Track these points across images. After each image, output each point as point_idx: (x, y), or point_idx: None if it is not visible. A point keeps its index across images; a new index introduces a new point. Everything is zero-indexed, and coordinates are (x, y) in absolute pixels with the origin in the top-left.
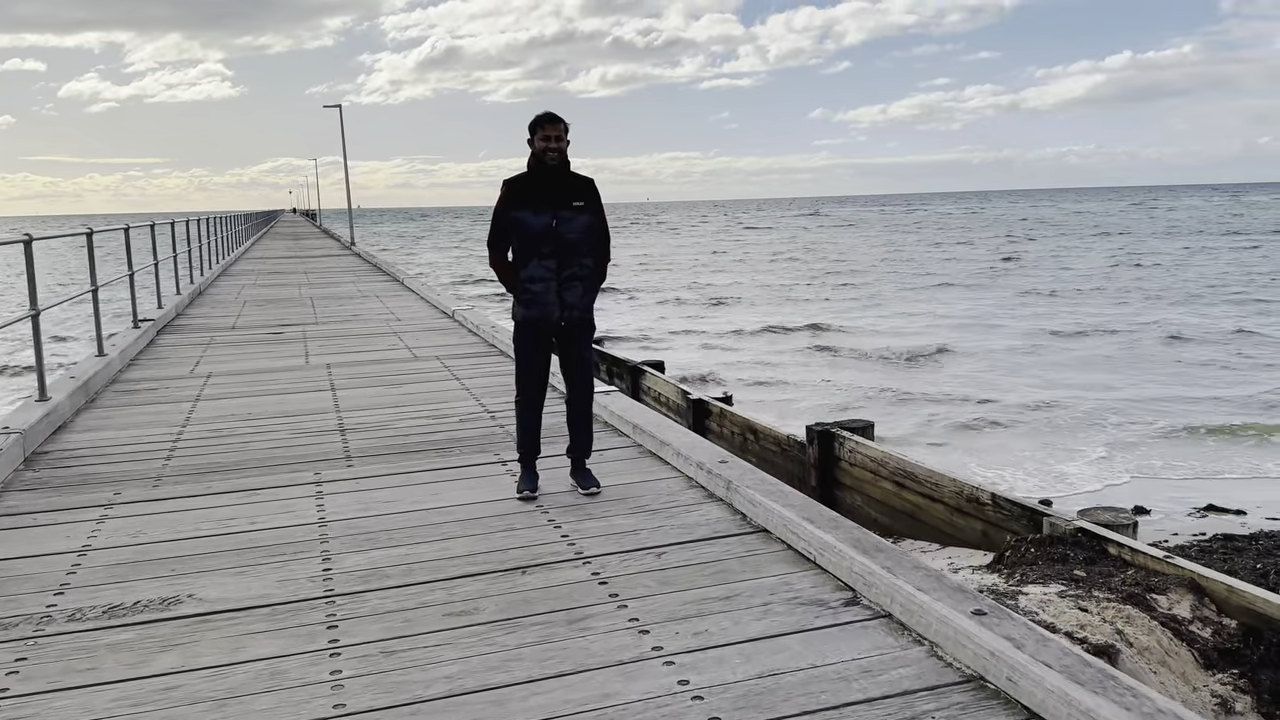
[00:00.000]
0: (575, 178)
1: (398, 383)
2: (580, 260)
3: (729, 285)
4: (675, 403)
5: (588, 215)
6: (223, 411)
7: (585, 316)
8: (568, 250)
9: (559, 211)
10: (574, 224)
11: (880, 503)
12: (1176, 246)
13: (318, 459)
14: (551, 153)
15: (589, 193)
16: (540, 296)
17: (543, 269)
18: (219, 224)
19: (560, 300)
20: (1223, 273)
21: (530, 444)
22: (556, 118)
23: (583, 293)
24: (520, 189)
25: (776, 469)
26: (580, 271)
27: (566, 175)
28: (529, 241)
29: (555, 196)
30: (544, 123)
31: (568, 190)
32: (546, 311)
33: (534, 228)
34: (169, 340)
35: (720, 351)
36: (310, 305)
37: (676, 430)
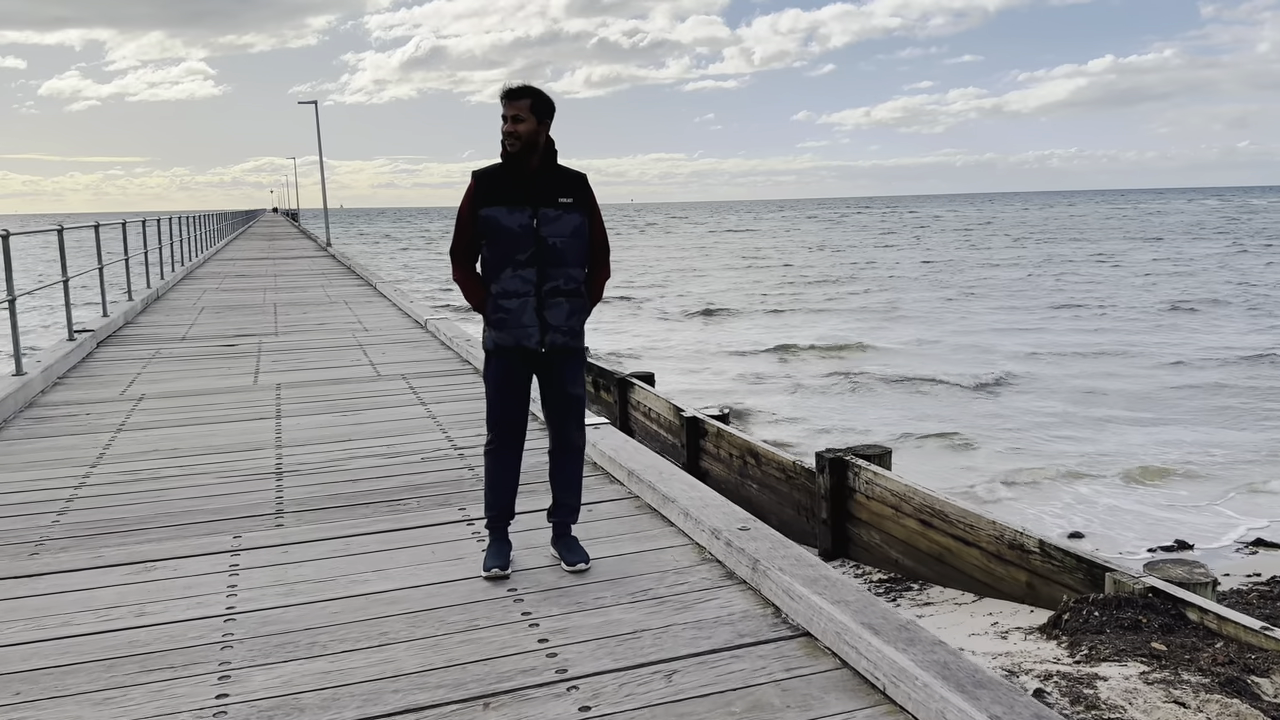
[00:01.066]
0: (562, 171)
1: (353, 408)
2: (567, 271)
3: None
4: (667, 420)
5: (577, 215)
6: (144, 446)
7: (572, 343)
8: (551, 257)
9: (541, 208)
10: (559, 224)
11: (902, 542)
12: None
13: (242, 514)
14: (509, 139)
15: (579, 189)
16: (515, 316)
17: (518, 281)
18: (191, 223)
19: (540, 321)
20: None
21: (502, 507)
22: (515, 91)
23: (569, 312)
24: (492, 181)
25: (781, 498)
26: (566, 285)
27: (552, 167)
28: (502, 246)
29: (536, 190)
30: (501, 99)
31: (552, 184)
32: (522, 335)
33: (508, 228)
34: (107, 354)
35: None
36: (273, 313)
37: (681, 480)
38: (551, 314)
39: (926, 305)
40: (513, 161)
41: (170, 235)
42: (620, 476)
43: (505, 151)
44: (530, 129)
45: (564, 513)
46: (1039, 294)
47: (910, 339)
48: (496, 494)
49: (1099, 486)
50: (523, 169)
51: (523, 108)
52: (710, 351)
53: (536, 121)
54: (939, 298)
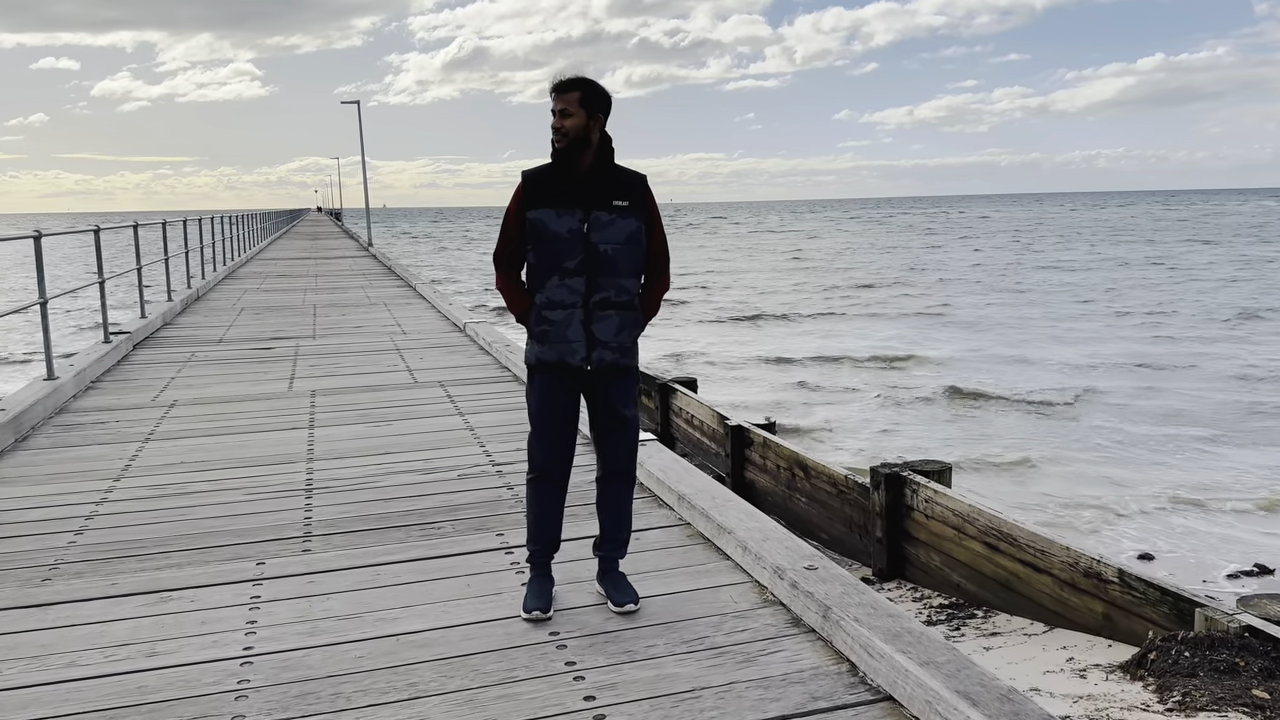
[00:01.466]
0: (619, 171)
1: (389, 418)
2: (619, 281)
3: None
4: (711, 428)
5: (634, 220)
6: (171, 457)
7: (621, 360)
8: (601, 266)
9: (593, 211)
10: (613, 230)
11: (965, 566)
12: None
13: (268, 537)
14: (556, 135)
15: (637, 191)
16: (559, 329)
17: (565, 291)
18: (234, 223)
19: (587, 335)
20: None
21: (546, 541)
22: (565, 83)
23: (619, 326)
24: (540, 182)
25: (832, 513)
26: (617, 297)
27: (607, 167)
28: (549, 252)
29: (588, 191)
30: (550, 92)
31: (607, 185)
32: (566, 351)
33: (556, 233)
34: (143, 356)
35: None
36: (312, 314)
37: (738, 508)
38: (600, 328)
39: (981, 311)
40: (562, 160)
41: (212, 235)
42: (669, 500)
43: (554, 149)
44: (578, 124)
45: (612, 547)
46: (1099, 299)
47: (964, 347)
48: (539, 527)
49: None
50: (573, 168)
51: (571, 101)
52: (753, 358)
53: (586, 116)
54: (994, 303)
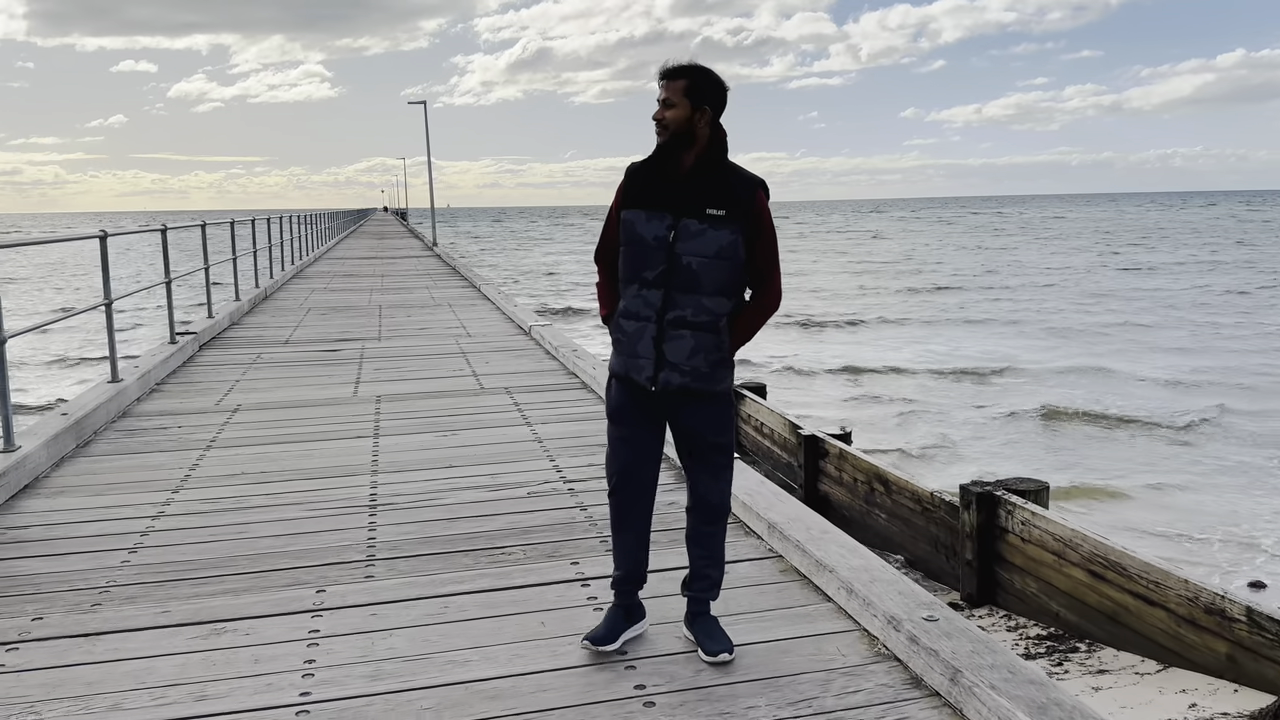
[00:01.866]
0: (729, 174)
1: (455, 427)
2: (699, 300)
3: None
4: (783, 437)
5: (727, 232)
6: (232, 468)
7: (693, 385)
8: (682, 280)
9: (684, 218)
10: (701, 241)
11: (1065, 595)
12: None
13: (329, 559)
14: (657, 127)
15: (740, 198)
16: (630, 342)
17: (640, 302)
18: (303, 222)
19: (656, 354)
20: None
21: (625, 570)
22: (671, 70)
23: (693, 350)
24: (638, 177)
25: (916, 532)
26: (695, 317)
27: (713, 167)
28: (633, 257)
29: (684, 194)
30: (658, 80)
31: (705, 188)
32: (633, 366)
33: (641, 238)
34: (209, 358)
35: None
36: (377, 315)
37: (837, 541)
38: (671, 348)
39: (1069, 318)
40: (660, 155)
41: (280, 234)
42: (758, 529)
43: (658, 144)
44: (681, 116)
45: (702, 586)
46: (1198, 307)
47: (1053, 358)
48: (620, 550)
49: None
50: (672, 166)
51: (676, 89)
52: (821, 367)
53: (691, 107)
54: (1084, 309)
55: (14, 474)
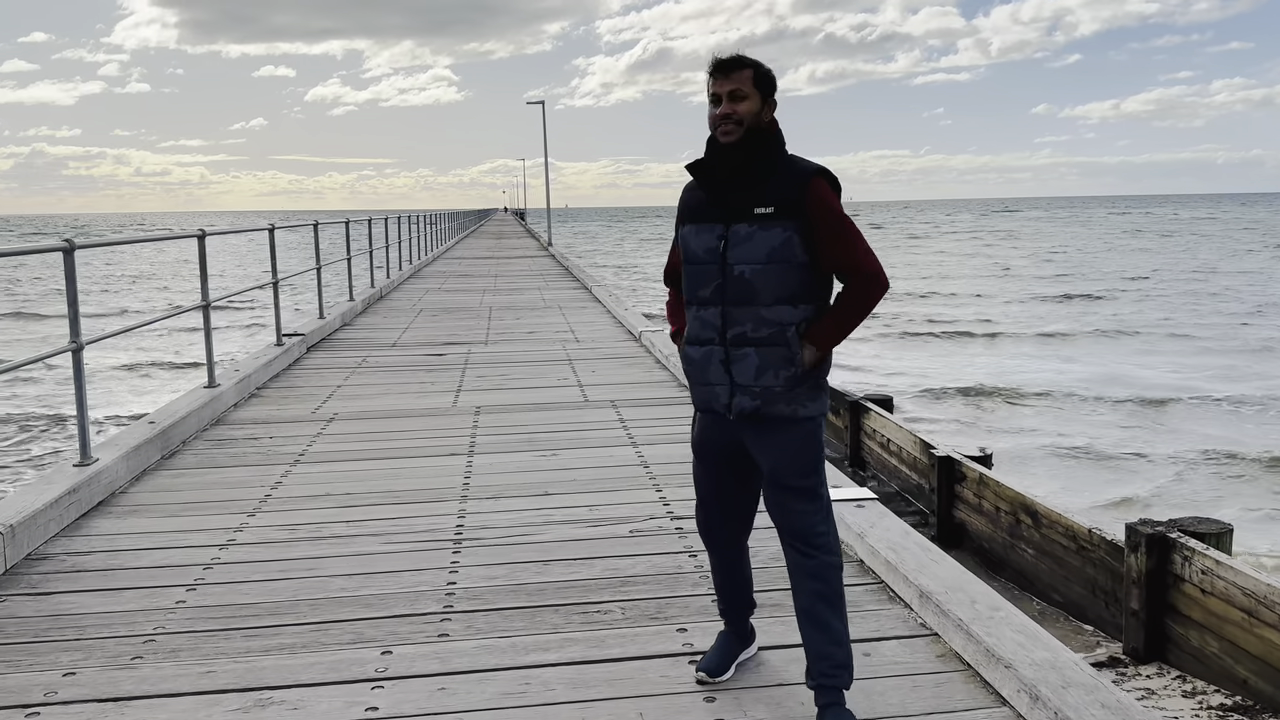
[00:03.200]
0: (781, 168)
1: (555, 445)
2: (757, 312)
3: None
4: (912, 456)
5: (779, 230)
6: (316, 487)
7: (765, 409)
8: (736, 293)
9: (733, 223)
10: (751, 246)
11: (1258, 660)
12: None
13: (400, 610)
14: (724, 124)
15: (791, 190)
16: (699, 370)
17: (699, 324)
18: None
19: (728, 378)
20: None
21: (725, 599)
22: (731, 61)
23: (759, 368)
24: (690, 190)
25: (1069, 572)
26: (756, 332)
27: (767, 165)
28: (689, 277)
29: (731, 199)
30: (710, 74)
31: (753, 187)
32: (709, 396)
33: (695, 253)
34: (314, 361)
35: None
36: (487, 317)
37: (1013, 621)
38: (739, 369)
39: (1260, 334)
40: (730, 156)
41: (398, 234)
42: (906, 596)
43: (713, 147)
44: (753, 109)
45: (824, 669)
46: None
47: (1228, 386)
48: (715, 582)
49: None
50: (726, 170)
51: (744, 80)
52: (954, 384)
53: (761, 100)
54: (1254, 326)
55: (86, 490)
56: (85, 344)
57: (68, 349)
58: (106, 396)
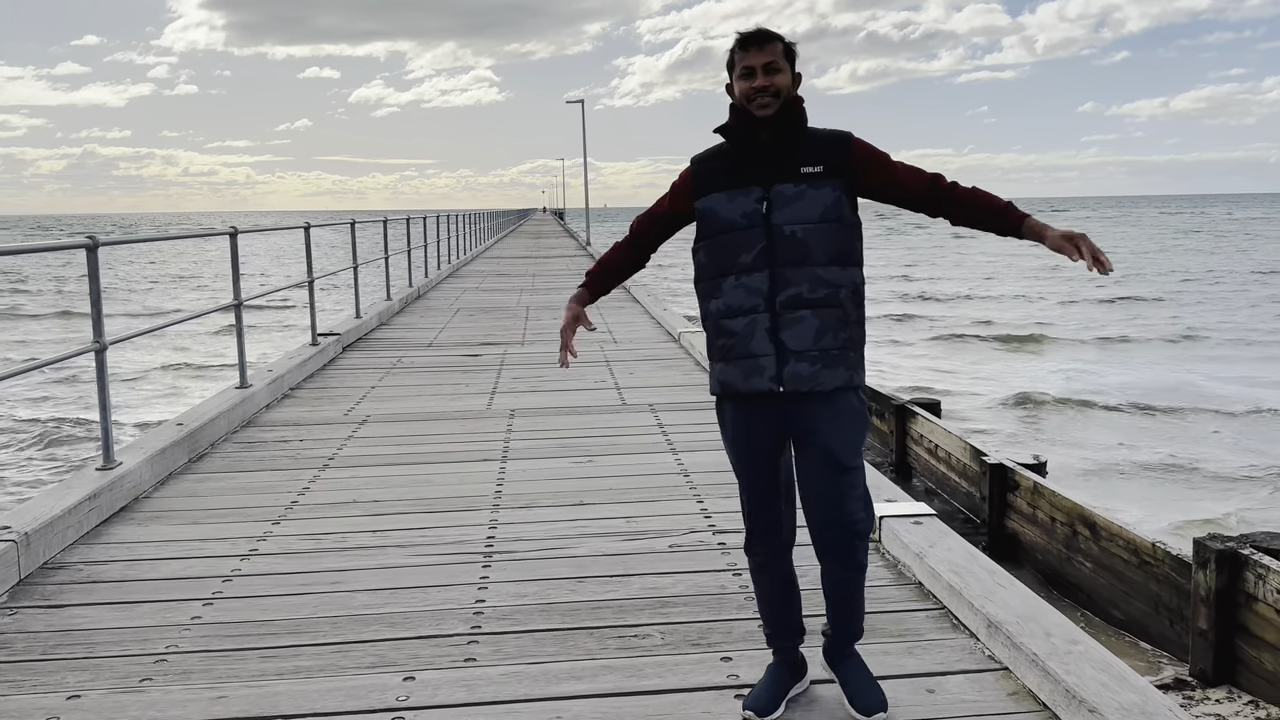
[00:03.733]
0: (813, 133)
1: (591, 451)
2: (814, 272)
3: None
4: (962, 463)
5: (829, 189)
6: (344, 494)
7: (824, 375)
8: (789, 253)
9: (775, 185)
10: (802, 206)
11: None
12: None
13: (426, 630)
14: (760, 98)
15: (836, 150)
16: (741, 342)
17: (741, 292)
18: (463, 221)
19: (775, 346)
20: None
21: (777, 625)
22: (763, 34)
23: (819, 330)
24: (709, 162)
25: (1130, 588)
26: (813, 292)
27: (792, 131)
28: (722, 246)
29: (768, 162)
30: (740, 48)
31: (792, 150)
32: (752, 369)
33: (728, 220)
34: (349, 361)
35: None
36: (524, 317)
37: (1094, 656)
38: (791, 335)
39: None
40: (748, 130)
41: (437, 234)
42: (972, 624)
43: (739, 121)
44: (787, 81)
45: (841, 628)
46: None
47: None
48: (768, 609)
49: None
50: (751, 138)
51: (777, 53)
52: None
53: (792, 72)
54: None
55: (107, 496)
56: (109, 344)
57: (90, 349)
58: (140, 397)
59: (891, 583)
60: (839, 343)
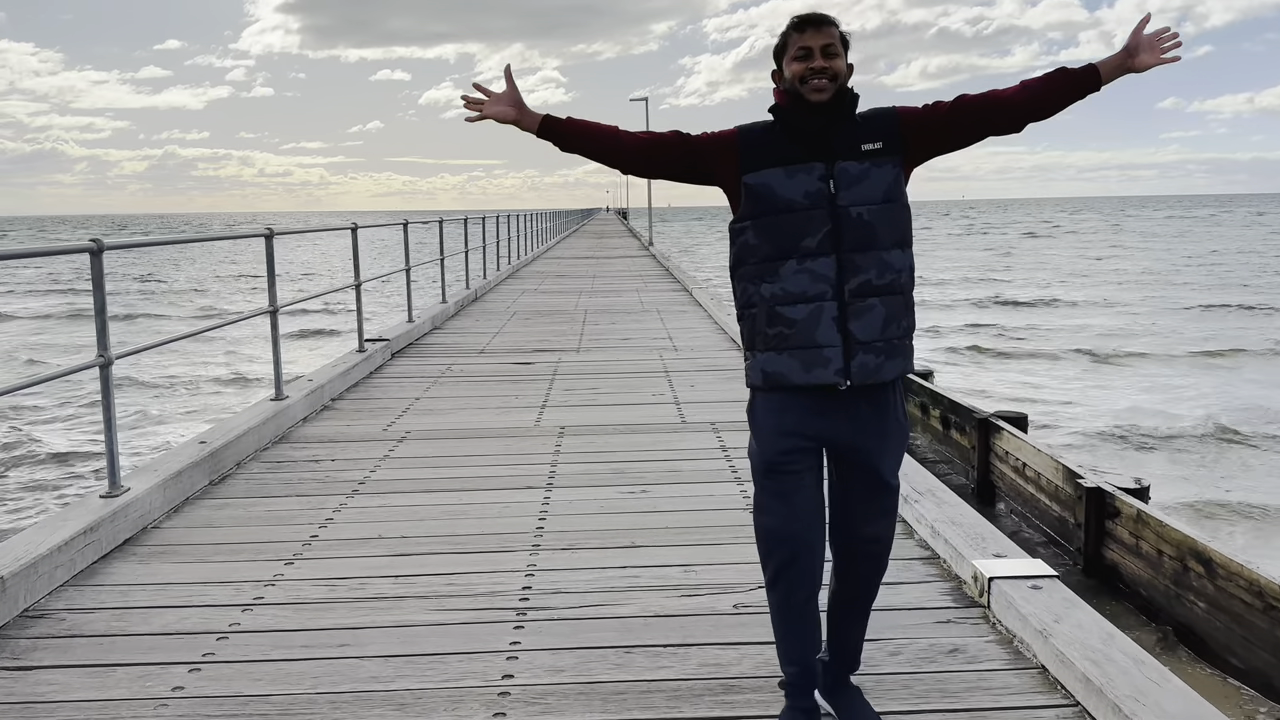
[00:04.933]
0: (863, 115)
1: (646, 479)
2: (880, 257)
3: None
4: (1053, 485)
5: (890, 167)
6: (368, 529)
7: (888, 365)
8: (857, 237)
9: (839, 161)
10: (867, 185)
11: None
12: None
13: (442, 714)
14: (816, 80)
15: (889, 125)
16: (804, 330)
17: (806, 278)
18: (525, 221)
19: (844, 337)
20: None
21: (802, 660)
22: (821, 17)
23: (886, 320)
24: (761, 137)
25: (1252, 634)
26: (880, 278)
27: (847, 113)
28: (780, 228)
29: (828, 138)
30: (797, 29)
31: (853, 127)
32: (816, 361)
33: (788, 200)
34: (396, 369)
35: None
36: (581, 321)
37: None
38: (860, 325)
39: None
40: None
41: (496, 235)
42: (1064, 679)
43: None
44: (844, 68)
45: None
46: None
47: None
48: (790, 641)
49: None
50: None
51: (834, 36)
52: (1085, 405)
53: (845, 62)
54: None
55: (108, 528)
56: (115, 358)
57: (95, 363)
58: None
59: (1008, 665)
60: (900, 331)
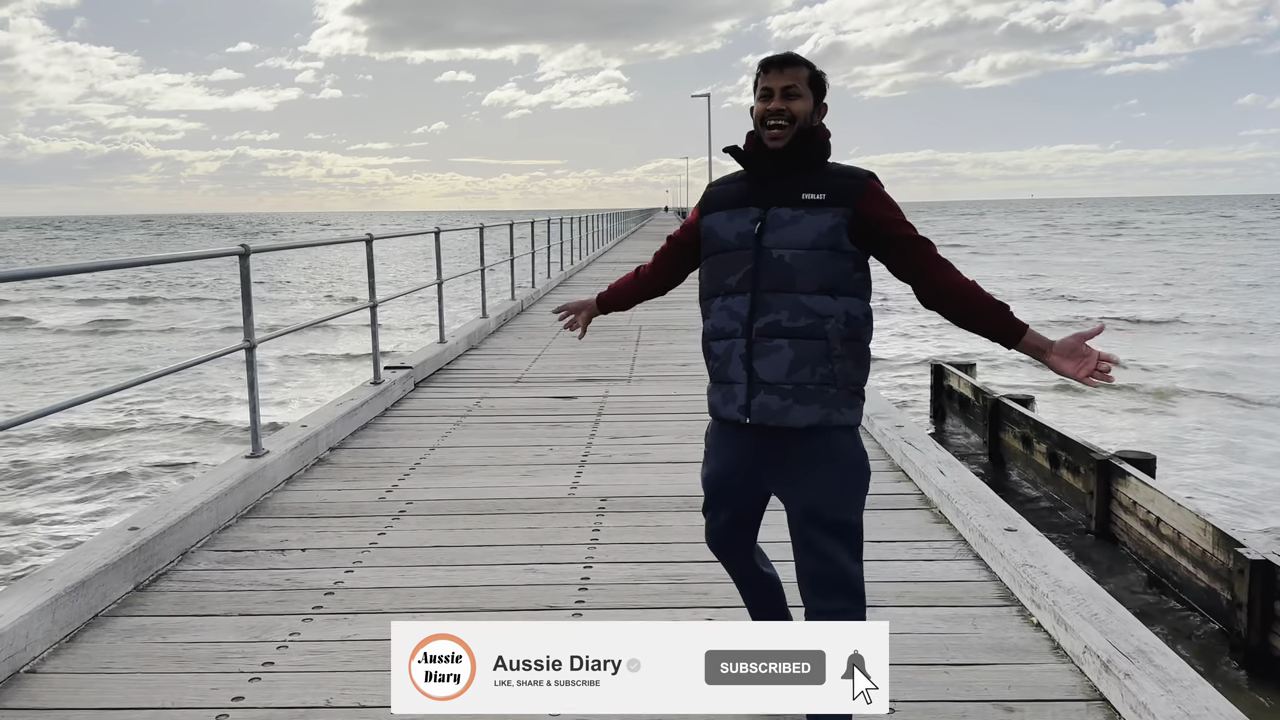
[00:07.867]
0: (830, 167)
1: (715, 596)
2: (796, 300)
3: None
4: (1200, 550)
5: (828, 217)
6: (311, 693)
7: (794, 411)
8: (772, 278)
9: (773, 207)
10: (795, 229)
11: None
12: None
13: None
14: (774, 122)
15: (844, 182)
16: (721, 366)
17: (725, 314)
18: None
19: (749, 375)
20: None
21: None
22: (785, 58)
23: (793, 363)
24: (724, 186)
25: None
26: (792, 321)
27: (815, 164)
28: (714, 266)
29: (773, 186)
30: (763, 69)
31: (800, 178)
32: (728, 395)
33: (723, 240)
34: (417, 404)
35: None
36: (634, 340)
37: None
38: (764, 364)
39: None
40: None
41: (547, 240)
42: None
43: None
44: (806, 109)
45: None
46: None
47: None
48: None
49: None
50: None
51: (799, 78)
52: (1219, 449)
53: (813, 100)
54: None
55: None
56: (258, 342)
57: (242, 346)
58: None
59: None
60: (817, 378)
